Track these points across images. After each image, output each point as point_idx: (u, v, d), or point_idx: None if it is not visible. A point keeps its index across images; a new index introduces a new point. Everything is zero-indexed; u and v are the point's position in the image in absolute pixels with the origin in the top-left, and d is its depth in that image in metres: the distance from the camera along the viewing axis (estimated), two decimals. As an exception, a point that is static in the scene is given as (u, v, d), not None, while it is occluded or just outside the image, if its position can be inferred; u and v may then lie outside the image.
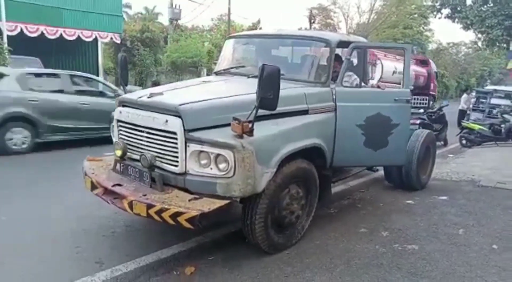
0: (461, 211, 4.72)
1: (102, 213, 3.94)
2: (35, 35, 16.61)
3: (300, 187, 3.50)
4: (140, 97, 3.39)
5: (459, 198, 5.25)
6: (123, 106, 3.52)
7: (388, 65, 6.47)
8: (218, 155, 2.87)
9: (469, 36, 48.18)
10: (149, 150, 3.18)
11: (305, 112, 3.58)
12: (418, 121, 9.12)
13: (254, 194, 3.01)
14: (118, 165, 3.43)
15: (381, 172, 5.62)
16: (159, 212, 2.80)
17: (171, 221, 2.77)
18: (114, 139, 3.59)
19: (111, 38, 19.93)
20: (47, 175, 5.63)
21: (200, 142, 2.91)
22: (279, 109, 3.07)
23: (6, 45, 10.25)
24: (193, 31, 29.35)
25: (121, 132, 3.51)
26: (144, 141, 3.25)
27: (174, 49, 23.41)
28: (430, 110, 10.09)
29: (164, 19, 31.91)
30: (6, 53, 9.98)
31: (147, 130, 3.19)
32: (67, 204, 4.27)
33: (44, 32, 16.89)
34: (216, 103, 3.18)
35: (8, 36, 11.87)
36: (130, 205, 2.94)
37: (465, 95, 15.15)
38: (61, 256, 3.20)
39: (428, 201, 5.10)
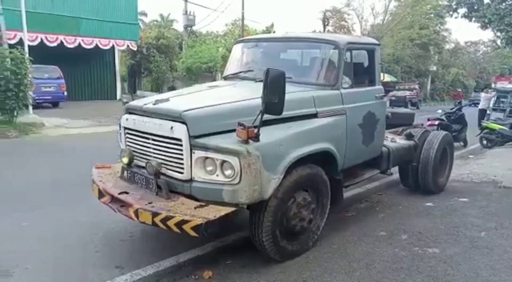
0: (482, 213, 4.62)
1: (120, 218, 3.98)
2: (54, 44, 17.06)
3: (310, 193, 3.42)
4: (145, 104, 3.37)
5: (480, 200, 5.14)
6: (130, 113, 3.50)
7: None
8: (224, 161, 2.82)
9: (488, 34, 47.18)
10: (155, 157, 3.16)
11: (314, 116, 3.51)
12: (436, 122, 8.99)
13: (261, 200, 2.95)
14: (125, 172, 3.42)
15: (398, 174, 5.54)
16: (165, 220, 2.77)
17: (176, 229, 2.74)
18: (122, 146, 3.58)
19: (128, 45, 20.30)
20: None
21: (205, 148, 2.87)
22: (286, 113, 3.03)
23: (27, 55, 10.51)
24: (207, 37, 29.61)
25: (128, 139, 3.49)
26: (150, 148, 3.22)
27: (189, 55, 23.67)
28: (448, 110, 9.93)
29: (179, 26, 32.34)
30: (28, 63, 10.24)
31: (153, 137, 3.17)
32: (86, 209, 4.34)
33: (63, 41, 17.34)
34: (222, 108, 3.13)
35: (29, 46, 12.19)
36: (136, 213, 2.92)
37: (483, 94, 14.84)
38: (82, 261, 3.25)
39: (448, 203, 5.01)
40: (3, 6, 10.75)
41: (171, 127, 2.97)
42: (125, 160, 3.35)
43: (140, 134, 3.31)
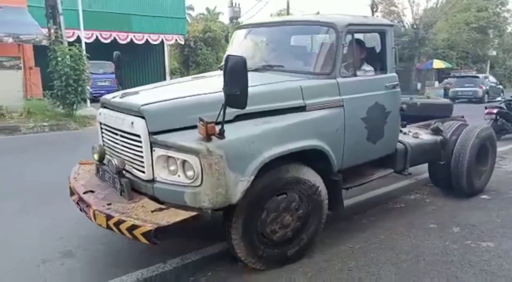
0: (545, 206, 4.33)
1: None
2: (108, 41, 17.93)
3: (297, 196, 3.01)
4: (114, 97, 3.16)
5: (544, 193, 4.81)
6: (104, 107, 3.32)
7: None
8: (184, 160, 2.55)
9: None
10: (122, 154, 2.97)
11: (301, 109, 3.09)
12: (495, 111, 8.46)
13: (229, 205, 2.65)
14: (98, 169, 3.23)
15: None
16: (117, 224, 2.56)
17: (128, 235, 2.52)
18: (99, 142, 3.41)
19: (176, 39, 20.87)
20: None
21: (165, 146, 2.60)
22: (266, 106, 2.86)
23: (84, 51, 11.18)
24: (253, 28, 29.67)
25: (102, 134, 3.32)
26: (118, 144, 3.02)
27: (235, 47, 23.82)
28: (509, 98, 9.29)
29: (225, 18, 32.70)
30: (85, 59, 10.90)
31: (120, 133, 2.96)
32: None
33: (116, 37, 18.16)
34: (186, 101, 2.81)
35: (86, 43, 12.96)
36: (94, 214, 2.73)
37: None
38: (137, 245, 3.42)
39: (506, 195, 4.74)
40: (62, 6, 11.45)
41: (132, 123, 2.75)
42: (96, 156, 3.18)
43: (110, 129, 3.13)
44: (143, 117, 2.68)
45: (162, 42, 20.21)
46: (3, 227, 3.81)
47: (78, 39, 13.16)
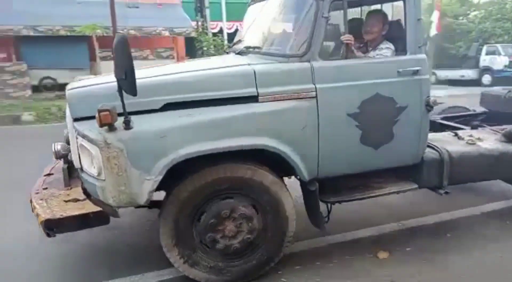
0: None
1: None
2: (246, 31, 19.06)
3: (245, 203, 2.55)
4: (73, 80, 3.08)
5: None
6: None
7: None
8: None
9: None
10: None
11: (252, 99, 2.51)
12: None
13: (137, 205, 2.39)
14: None
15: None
16: (33, 210, 2.51)
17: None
18: None
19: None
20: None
21: (78, 133, 2.39)
22: (204, 94, 2.44)
23: (226, 41, 12.13)
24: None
25: None
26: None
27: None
28: None
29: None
30: (226, 49, 11.84)
31: None
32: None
33: (254, 27, 19.20)
34: (106, 87, 2.49)
35: (227, 34, 13.99)
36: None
37: None
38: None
39: None
40: (209, 0, 12.58)
41: (67, 107, 2.65)
42: (64, 140, 3.10)
43: None
44: None
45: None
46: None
47: (221, 31, 14.28)
